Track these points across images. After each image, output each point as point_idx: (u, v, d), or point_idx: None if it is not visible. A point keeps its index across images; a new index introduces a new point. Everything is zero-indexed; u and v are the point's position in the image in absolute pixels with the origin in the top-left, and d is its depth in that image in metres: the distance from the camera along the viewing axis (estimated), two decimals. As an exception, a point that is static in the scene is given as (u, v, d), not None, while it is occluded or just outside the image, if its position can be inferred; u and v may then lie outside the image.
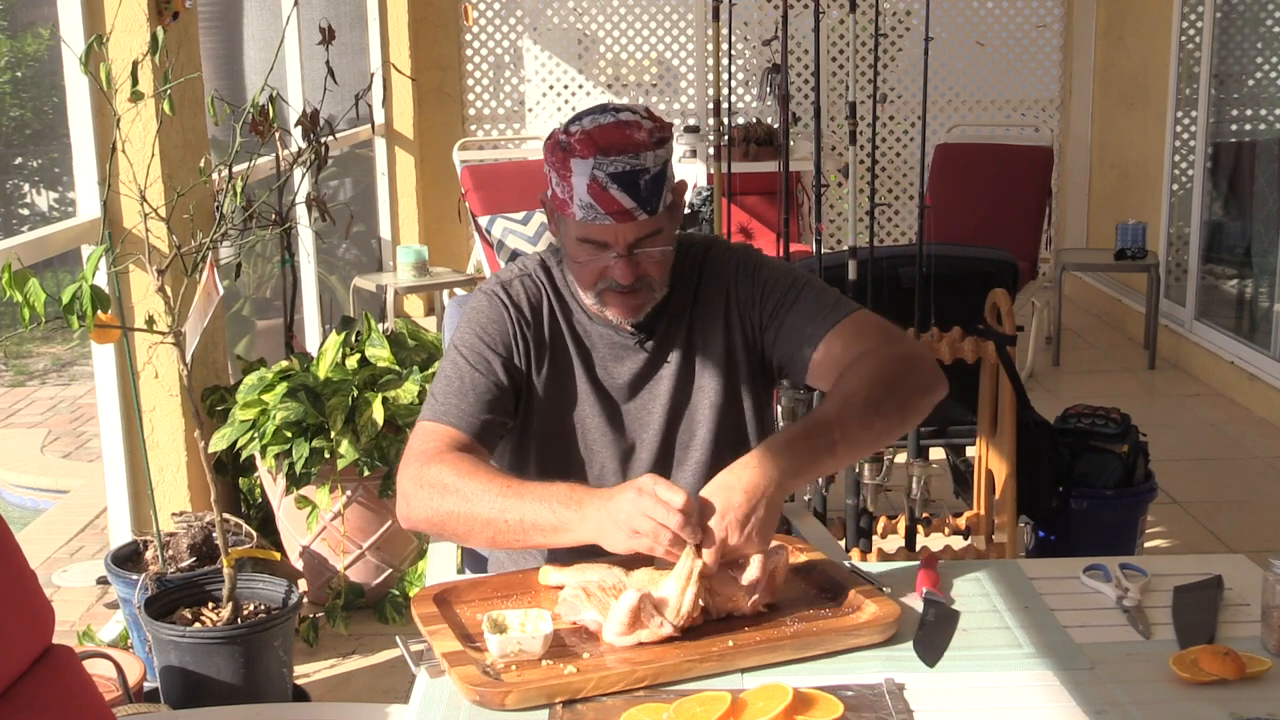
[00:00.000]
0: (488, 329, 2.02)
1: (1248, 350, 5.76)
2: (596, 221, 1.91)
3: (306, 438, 3.44)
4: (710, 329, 2.06)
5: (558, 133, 1.95)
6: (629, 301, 1.97)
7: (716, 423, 2.05)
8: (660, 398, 2.05)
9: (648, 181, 1.89)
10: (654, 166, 1.90)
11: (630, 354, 2.05)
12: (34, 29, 6.89)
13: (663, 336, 2.05)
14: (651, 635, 1.66)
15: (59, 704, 1.79)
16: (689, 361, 2.06)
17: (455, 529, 1.85)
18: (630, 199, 1.89)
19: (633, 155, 1.88)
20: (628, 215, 1.90)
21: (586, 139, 1.89)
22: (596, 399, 2.04)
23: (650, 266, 1.96)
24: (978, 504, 3.55)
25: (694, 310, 2.06)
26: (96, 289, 2.45)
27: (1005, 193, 6.31)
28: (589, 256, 1.95)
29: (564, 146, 1.91)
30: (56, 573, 4.23)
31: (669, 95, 7.74)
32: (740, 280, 2.06)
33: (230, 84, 5.93)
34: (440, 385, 2.01)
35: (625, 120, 1.91)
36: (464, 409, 1.96)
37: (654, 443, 2.05)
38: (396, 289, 6.08)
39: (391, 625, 3.59)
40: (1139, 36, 7.03)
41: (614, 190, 1.88)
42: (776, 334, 2.03)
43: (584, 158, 1.88)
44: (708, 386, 2.05)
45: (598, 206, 1.89)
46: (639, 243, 1.93)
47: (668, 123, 1.97)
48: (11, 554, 1.77)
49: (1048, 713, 1.56)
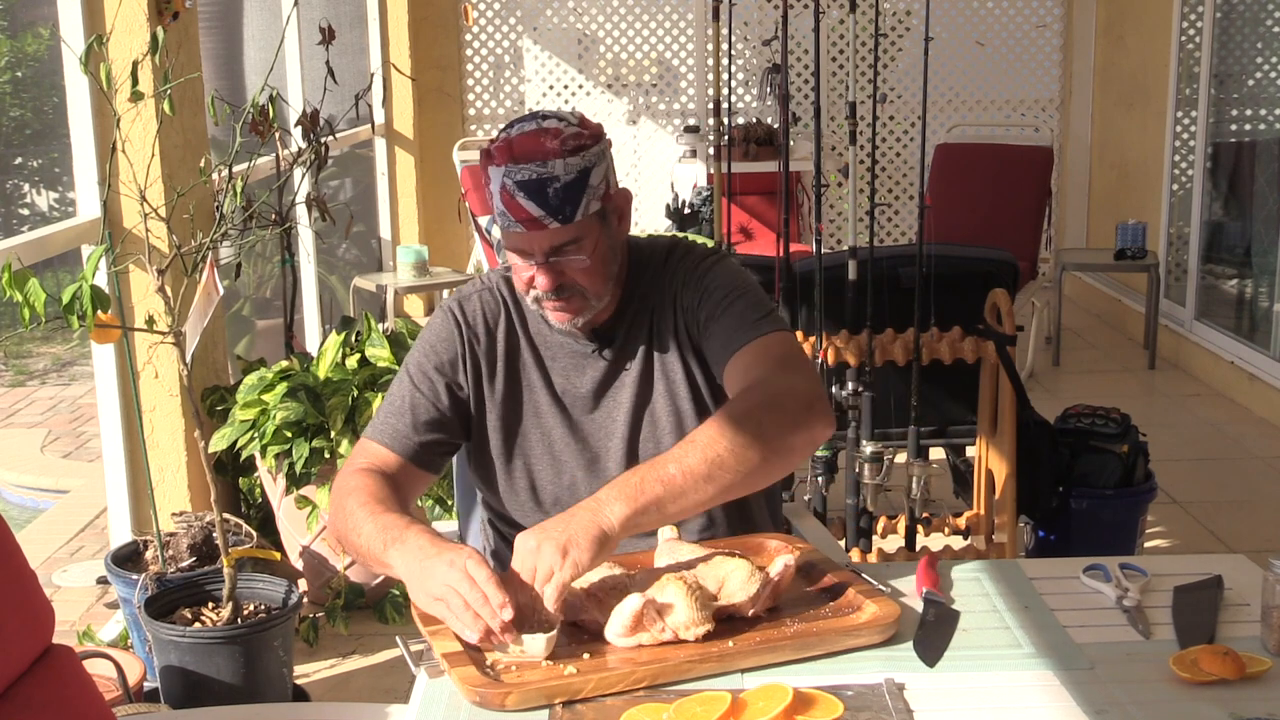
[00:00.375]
0: (436, 348, 2.04)
1: (1248, 350, 5.76)
2: (510, 229, 1.90)
3: (306, 438, 3.44)
4: (666, 334, 2.04)
5: (489, 140, 1.95)
6: (563, 308, 1.96)
7: (680, 429, 2.01)
8: (622, 405, 2.03)
9: (557, 190, 1.86)
10: (566, 174, 1.86)
11: (590, 363, 2.04)
12: (34, 29, 6.89)
13: (622, 344, 2.04)
14: (653, 639, 1.66)
15: (59, 704, 1.79)
16: (649, 368, 2.04)
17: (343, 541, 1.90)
18: (537, 207, 1.86)
19: (539, 163, 1.86)
20: (537, 224, 1.88)
21: (505, 146, 1.89)
22: (558, 410, 2.04)
23: (575, 275, 1.93)
24: (978, 504, 3.55)
25: (654, 316, 2.04)
26: (96, 289, 2.45)
27: (1005, 193, 6.31)
28: (516, 267, 1.95)
29: (487, 154, 1.91)
30: (56, 573, 4.23)
31: (669, 95, 7.74)
32: (688, 282, 2.03)
33: (230, 84, 5.94)
34: (384, 404, 2.05)
35: (546, 128, 1.89)
36: (400, 430, 1.99)
37: (619, 451, 2.03)
38: (396, 289, 6.08)
39: (391, 625, 3.59)
40: (1139, 36, 7.03)
41: (520, 198, 1.86)
42: (706, 340, 2.01)
43: (498, 165, 1.88)
44: (668, 393, 2.03)
45: (509, 214, 1.89)
46: (556, 250, 1.90)
47: (598, 130, 1.94)
48: (11, 554, 1.77)
49: (1048, 713, 1.56)
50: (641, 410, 2.03)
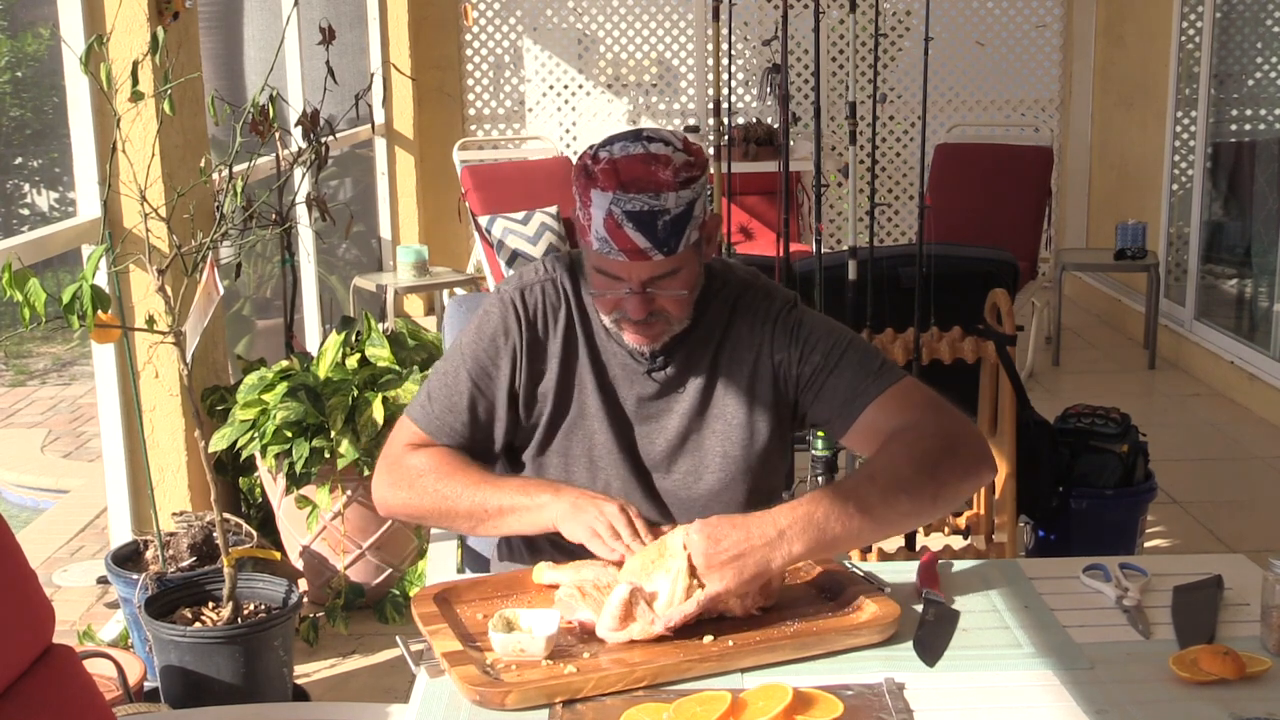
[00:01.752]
0: (496, 341, 2.00)
1: (1248, 350, 5.76)
2: (610, 256, 1.85)
3: (306, 437, 3.44)
4: (735, 373, 1.99)
5: (586, 155, 1.88)
6: (644, 332, 1.92)
7: (728, 465, 1.99)
8: (666, 431, 2.00)
9: (666, 223, 1.82)
10: (676, 208, 1.82)
11: (639, 379, 1.99)
12: (34, 29, 6.89)
13: (681, 367, 1.99)
14: (643, 631, 1.66)
15: (59, 704, 1.79)
16: (706, 397, 1.99)
17: (423, 517, 1.99)
18: (645, 239, 1.82)
19: (653, 195, 1.81)
20: (641, 255, 1.83)
21: (610, 170, 1.83)
22: (605, 415, 2.00)
23: (666, 303, 1.90)
24: (978, 504, 3.55)
25: (720, 347, 2.00)
26: (96, 289, 2.45)
27: (1005, 193, 6.31)
28: (604, 288, 1.90)
29: (588, 173, 1.85)
30: (56, 573, 4.23)
31: (669, 95, 7.74)
32: (779, 335, 1.98)
33: (230, 84, 5.94)
34: (436, 386, 2.02)
35: (655, 154, 1.83)
36: (454, 427, 2.01)
37: (659, 471, 2.01)
38: (396, 289, 6.08)
39: (391, 625, 3.59)
40: (1139, 36, 7.03)
41: (629, 229, 1.82)
42: (816, 395, 1.97)
43: (604, 190, 1.82)
44: (723, 431, 1.99)
45: (612, 242, 1.83)
46: (654, 281, 1.87)
47: (704, 156, 1.90)
48: (11, 554, 1.77)
49: (1048, 713, 1.56)
50: (686, 440, 2.00)
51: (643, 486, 2.01)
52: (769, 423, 2.00)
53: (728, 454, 2.00)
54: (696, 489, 2.01)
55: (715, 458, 2.00)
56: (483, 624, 1.71)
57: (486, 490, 1.92)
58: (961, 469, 1.85)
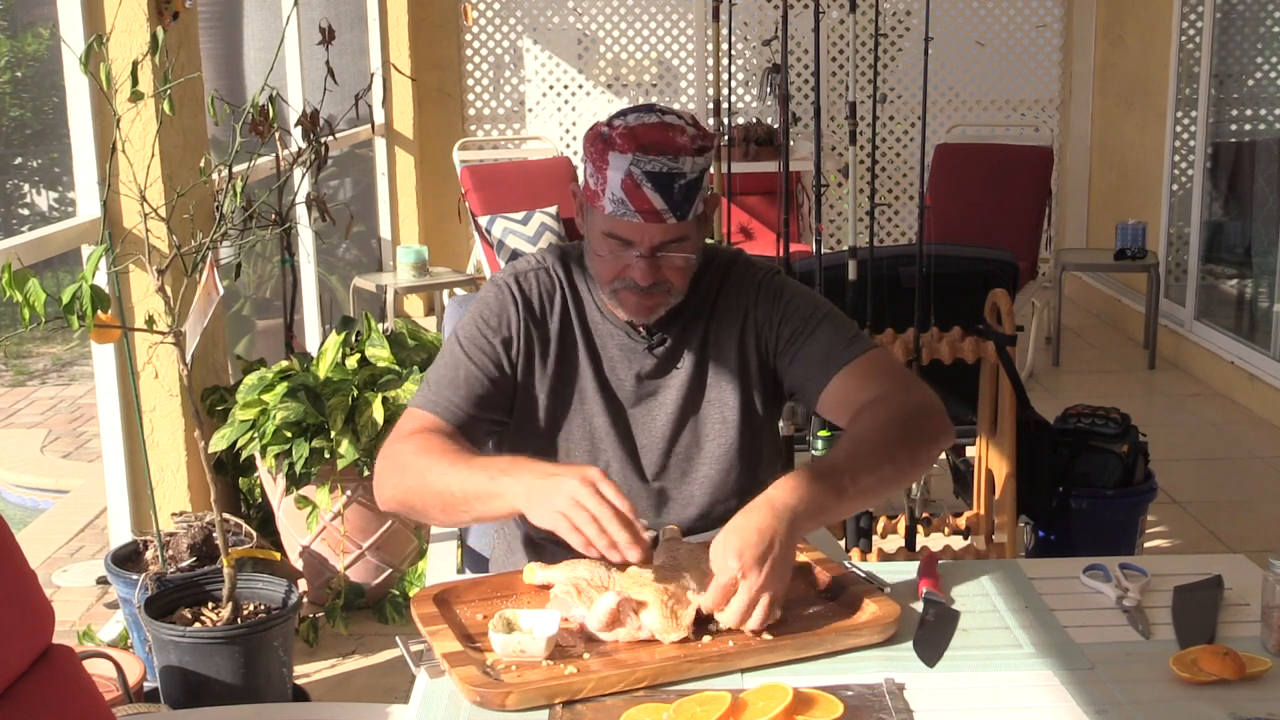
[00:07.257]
0: (490, 322, 2.01)
1: (1248, 350, 5.76)
2: (624, 218, 1.89)
3: (306, 438, 3.44)
4: (725, 343, 2.04)
5: (600, 125, 1.94)
6: (644, 302, 1.96)
7: (726, 436, 2.03)
8: (665, 407, 2.04)
9: (682, 186, 1.88)
10: (691, 173, 1.88)
11: (637, 357, 2.03)
12: (34, 29, 6.89)
13: (675, 343, 2.04)
14: (630, 636, 1.67)
15: (59, 704, 1.79)
16: (701, 372, 2.04)
17: (414, 505, 1.90)
18: (662, 200, 1.88)
19: (671, 157, 1.87)
20: (657, 216, 1.88)
21: (629, 134, 1.88)
22: (603, 398, 2.03)
23: (671, 272, 1.94)
24: (978, 504, 3.55)
25: (710, 321, 2.05)
26: (96, 289, 2.45)
27: (1005, 193, 6.31)
28: (611, 252, 1.93)
29: (604, 138, 1.90)
30: (56, 573, 4.23)
31: (669, 95, 7.74)
32: (761, 300, 2.04)
33: (230, 84, 5.93)
34: (434, 373, 2.02)
35: (669, 123, 1.90)
36: (454, 401, 1.97)
37: (657, 450, 2.04)
38: (396, 289, 6.08)
39: (391, 625, 3.59)
40: (1139, 36, 7.03)
41: (647, 189, 1.87)
42: (791, 361, 2.02)
43: (623, 152, 1.87)
44: (719, 400, 2.04)
45: (629, 203, 1.88)
46: (663, 246, 1.91)
47: (712, 134, 1.96)
48: (11, 554, 1.77)
49: (1048, 713, 1.56)
50: (686, 416, 2.04)
51: (643, 464, 2.04)
52: (760, 389, 2.05)
53: (726, 420, 2.04)
54: (697, 461, 2.04)
55: (714, 424, 2.04)
56: (483, 624, 1.71)
57: (460, 473, 1.82)
58: (933, 435, 1.92)
